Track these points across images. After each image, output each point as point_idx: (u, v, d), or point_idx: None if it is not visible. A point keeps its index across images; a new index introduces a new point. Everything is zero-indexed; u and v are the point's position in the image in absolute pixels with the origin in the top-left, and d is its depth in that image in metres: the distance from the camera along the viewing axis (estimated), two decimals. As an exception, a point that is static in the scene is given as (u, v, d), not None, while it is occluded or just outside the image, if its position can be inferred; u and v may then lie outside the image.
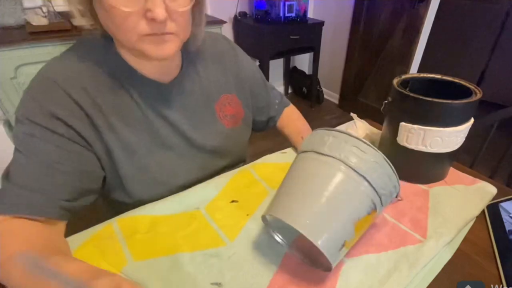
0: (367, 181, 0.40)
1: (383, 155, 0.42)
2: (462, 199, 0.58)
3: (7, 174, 0.45)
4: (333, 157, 0.41)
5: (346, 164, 0.40)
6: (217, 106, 0.64)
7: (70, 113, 0.46)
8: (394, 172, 0.42)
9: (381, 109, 0.63)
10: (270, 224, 0.48)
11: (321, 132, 0.45)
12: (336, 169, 0.41)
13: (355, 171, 0.40)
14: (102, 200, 0.63)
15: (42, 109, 0.44)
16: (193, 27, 0.51)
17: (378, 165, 0.41)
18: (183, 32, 0.46)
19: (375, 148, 0.41)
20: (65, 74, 0.47)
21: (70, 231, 0.51)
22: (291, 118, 0.81)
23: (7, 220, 0.42)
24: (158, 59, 0.46)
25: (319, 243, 0.36)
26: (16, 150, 0.45)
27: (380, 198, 0.42)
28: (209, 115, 0.63)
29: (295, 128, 0.78)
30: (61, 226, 0.47)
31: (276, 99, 0.78)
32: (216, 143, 0.64)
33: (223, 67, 0.64)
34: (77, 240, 0.49)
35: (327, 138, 0.43)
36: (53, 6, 1.48)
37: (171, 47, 0.45)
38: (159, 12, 0.39)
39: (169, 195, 0.58)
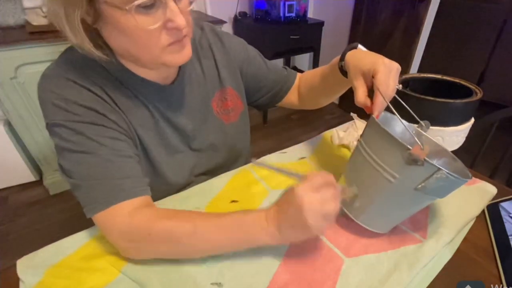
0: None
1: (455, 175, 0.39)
2: (462, 199, 0.58)
3: (81, 179, 0.45)
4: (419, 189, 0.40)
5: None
6: (213, 102, 0.63)
7: (102, 106, 0.47)
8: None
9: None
10: None
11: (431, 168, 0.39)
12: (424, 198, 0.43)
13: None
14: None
15: (78, 106, 0.45)
16: None
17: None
18: (191, 30, 0.47)
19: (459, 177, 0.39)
20: (74, 72, 0.46)
21: (70, 231, 0.51)
22: (312, 71, 0.69)
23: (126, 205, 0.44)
24: (178, 65, 0.48)
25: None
26: (72, 152, 0.45)
27: None
28: (208, 112, 0.62)
29: (323, 67, 0.65)
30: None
31: (280, 70, 0.71)
32: (216, 140, 0.64)
33: (214, 60, 0.63)
34: (78, 240, 0.50)
35: (434, 180, 0.39)
36: (53, 6, 1.48)
37: (189, 49, 0.46)
38: (181, 20, 0.40)
39: (173, 192, 0.59)
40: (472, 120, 0.58)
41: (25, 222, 1.45)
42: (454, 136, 0.56)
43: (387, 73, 0.44)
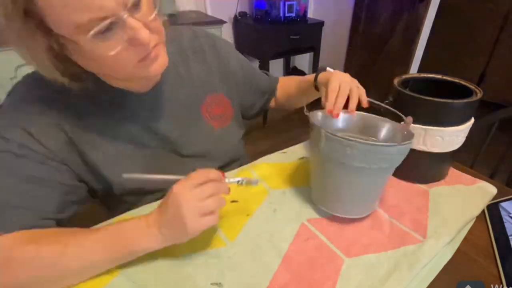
0: (393, 167, 0.48)
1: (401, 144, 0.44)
2: (462, 199, 0.58)
3: None
4: (364, 167, 0.44)
5: (377, 168, 0.45)
6: (203, 107, 0.61)
7: (45, 132, 0.44)
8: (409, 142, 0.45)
9: (382, 109, 0.63)
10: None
11: (339, 142, 0.44)
12: (367, 174, 0.46)
13: (386, 168, 0.47)
14: (100, 201, 0.63)
15: (17, 126, 0.43)
16: None
17: (402, 154, 0.45)
18: (162, 35, 0.43)
19: (396, 144, 0.43)
20: (43, 91, 0.45)
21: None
22: (288, 79, 0.78)
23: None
24: (158, 75, 0.46)
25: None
26: None
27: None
28: (196, 118, 0.60)
29: (300, 78, 0.73)
30: None
31: (267, 79, 0.76)
32: (206, 146, 0.62)
33: (207, 66, 0.61)
34: (77, 240, 0.49)
35: (351, 151, 0.43)
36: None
37: (163, 56, 0.44)
38: (144, 35, 0.37)
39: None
40: (472, 120, 0.58)
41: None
42: (454, 136, 0.56)
43: (336, 81, 0.52)
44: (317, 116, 0.54)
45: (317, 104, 0.58)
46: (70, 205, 0.49)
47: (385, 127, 0.55)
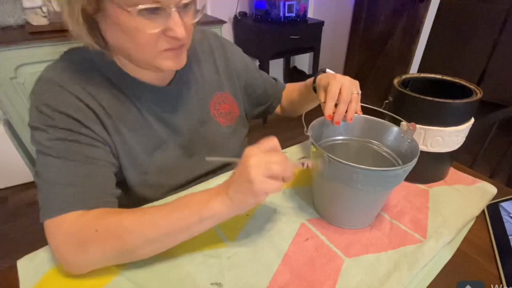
0: (398, 183, 0.47)
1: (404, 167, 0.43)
2: (462, 199, 0.58)
3: (44, 182, 0.44)
4: (368, 189, 0.44)
5: (381, 188, 0.45)
6: (211, 104, 0.63)
7: (84, 116, 0.47)
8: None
9: (382, 109, 0.63)
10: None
11: (344, 168, 0.43)
12: (372, 193, 0.46)
13: (391, 187, 0.47)
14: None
15: (58, 113, 0.45)
16: None
17: (407, 172, 0.45)
18: (190, 41, 0.48)
19: (402, 166, 0.42)
20: (68, 78, 0.47)
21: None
22: (293, 86, 0.78)
23: (77, 215, 0.43)
24: (169, 70, 0.49)
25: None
26: (45, 156, 0.44)
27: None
28: (205, 114, 0.63)
29: (301, 84, 0.73)
30: None
31: (273, 84, 0.77)
32: (214, 142, 0.64)
33: (215, 65, 0.64)
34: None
35: (356, 176, 0.43)
36: (53, 6, 1.48)
37: (184, 58, 0.47)
38: (181, 31, 0.41)
39: (171, 193, 0.59)
40: (472, 120, 0.58)
41: (25, 222, 1.45)
42: (454, 136, 0.56)
43: (336, 85, 0.52)
44: (317, 127, 0.53)
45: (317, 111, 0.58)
46: (119, 183, 0.52)
47: (389, 132, 0.54)
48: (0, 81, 1.32)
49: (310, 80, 0.65)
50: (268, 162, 0.39)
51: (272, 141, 0.43)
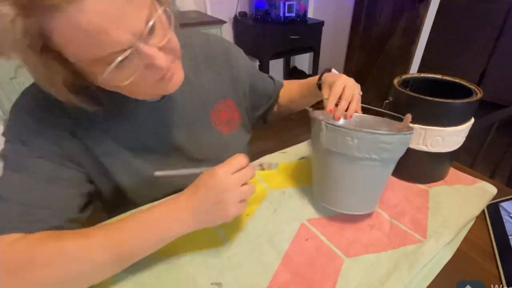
0: (394, 160, 0.48)
1: (403, 134, 0.45)
2: (462, 199, 0.58)
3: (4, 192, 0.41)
4: (365, 158, 0.45)
5: (378, 159, 0.45)
6: (212, 113, 0.61)
7: (61, 136, 0.45)
8: (410, 133, 0.47)
9: (382, 109, 0.63)
10: None
11: (340, 132, 0.45)
12: (369, 166, 0.46)
13: (387, 161, 0.47)
14: (103, 205, 0.63)
15: (34, 129, 0.43)
16: None
17: (403, 144, 0.46)
18: (178, 51, 0.43)
19: (396, 133, 0.44)
20: (52, 100, 0.44)
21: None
22: (291, 83, 0.78)
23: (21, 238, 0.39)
24: (176, 89, 0.45)
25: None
26: (8, 169, 0.42)
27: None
28: (205, 124, 0.61)
29: (302, 81, 0.73)
30: None
31: (271, 83, 0.76)
32: (215, 152, 0.62)
33: (217, 72, 0.62)
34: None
35: (351, 140, 0.44)
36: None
37: (180, 73, 0.44)
38: (160, 61, 0.37)
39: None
40: (472, 120, 0.58)
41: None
42: (454, 136, 0.56)
43: (341, 84, 0.53)
44: (318, 114, 0.54)
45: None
46: (88, 206, 0.50)
47: (385, 128, 0.55)
48: (0, 81, 1.32)
49: (313, 78, 0.65)
50: (242, 187, 0.40)
51: (240, 159, 0.42)
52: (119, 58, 0.34)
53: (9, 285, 0.35)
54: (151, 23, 0.35)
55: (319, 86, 0.62)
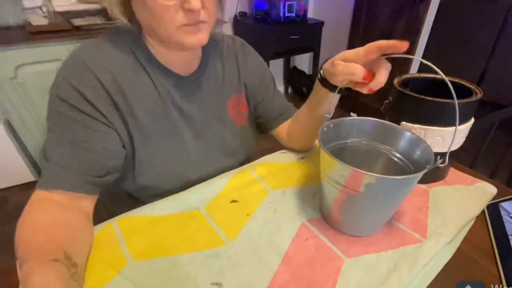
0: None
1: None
2: (462, 199, 0.58)
3: (44, 151, 0.48)
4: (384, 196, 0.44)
5: (395, 194, 0.44)
6: (229, 104, 0.66)
7: (97, 96, 0.49)
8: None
9: (382, 108, 0.63)
10: None
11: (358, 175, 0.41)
12: (387, 199, 0.45)
13: (405, 194, 0.46)
14: (103, 198, 0.63)
15: (71, 89, 0.47)
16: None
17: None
18: (213, 20, 0.49)
19: (415, 175, 0.41)
20: (96, 58, 0.50)
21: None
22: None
23: (43, 195, 0.46)
24: (193, 48, 0.50)
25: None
26: (48, 128, 0.48)
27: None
28: (222, 111, 0.65)
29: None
30: (90, 201, 0.51)
31: (286, 106, 0.73)
32: (227, 139, 0.66)
33: (237, 67, 0.67)
34: (77, 240, 0.49)
35: (370, 183, 0.41)
36: (53, 6, 1.48)
37: (204, 34, 0.48)
38: (196, 3, 0.42)
39: (178, 190, 0.59)
40: (472, 120, 0.58)
41: (25, 222, 1.45)
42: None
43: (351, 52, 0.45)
44: (326, 131, 0.50)
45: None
46: (112, 171, 0.52)
47: (401, 137, 0.52)
48: (0, 81, 1.32)
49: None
50: None
51: None
52: None
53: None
54: None
55: (321, 83, 0.54)
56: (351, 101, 2.60)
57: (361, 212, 0.47)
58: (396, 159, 0.53)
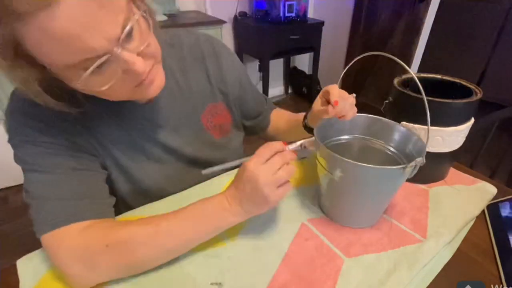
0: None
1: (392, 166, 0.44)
2: (462, 199, 0.58)
3: (32, 199, 0.43)
4: (378, 187, 0.46)
5: (392, 184, 0.47)
6: (203, 117, 0.60)
7: (68, 128, 0.45)
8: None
9: (382, 108, 0.63)
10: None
11: (353, 166, 0.44)
12: (379, 191, 0.48)
13: (399, 183, 0.48)
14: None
15: (38, 129, 0.43)
16: None
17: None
18: (159, 55, 0.42)
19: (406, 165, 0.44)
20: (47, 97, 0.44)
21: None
22: (281, 113, 0.76)
23: (72, 230, 0.42)
24: (155, 95, 0.44)
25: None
26: (29, 172, 0.44)
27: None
28: (197, 127, 0.60)
29: (291, 114, 0.73)
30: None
31: (263, 103, 0.73)
32: (208, 155, 0.62)
33: (206, 73, 0.59)
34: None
35: (365, 174, 0.44)
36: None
37: (159, 79, 0.43)
38: (138, 66, 0.36)
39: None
40: (472, 120, 0.58)
41: (25, 222, 1.44)
42: (454, 136, 0.56)
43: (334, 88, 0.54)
44: (322, 127, 0.52)
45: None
46: (112, 192, 0.51)
47: (394, 131, 0.54)
48: (0, 81, 1.32)
49: (300, 114, 0.64)
50: (274, 171, 0.41)
51: (271, 147, 0.43)
52: (94, 65, 0.33)
53: (88, 270, 0.41)
54: (128, 28, 0.34)
55: (305, 126, 0.61)
56: (351, 101, 2.59)
57: (343, 197, 0.50)
58: (389, 152, 0.54)
